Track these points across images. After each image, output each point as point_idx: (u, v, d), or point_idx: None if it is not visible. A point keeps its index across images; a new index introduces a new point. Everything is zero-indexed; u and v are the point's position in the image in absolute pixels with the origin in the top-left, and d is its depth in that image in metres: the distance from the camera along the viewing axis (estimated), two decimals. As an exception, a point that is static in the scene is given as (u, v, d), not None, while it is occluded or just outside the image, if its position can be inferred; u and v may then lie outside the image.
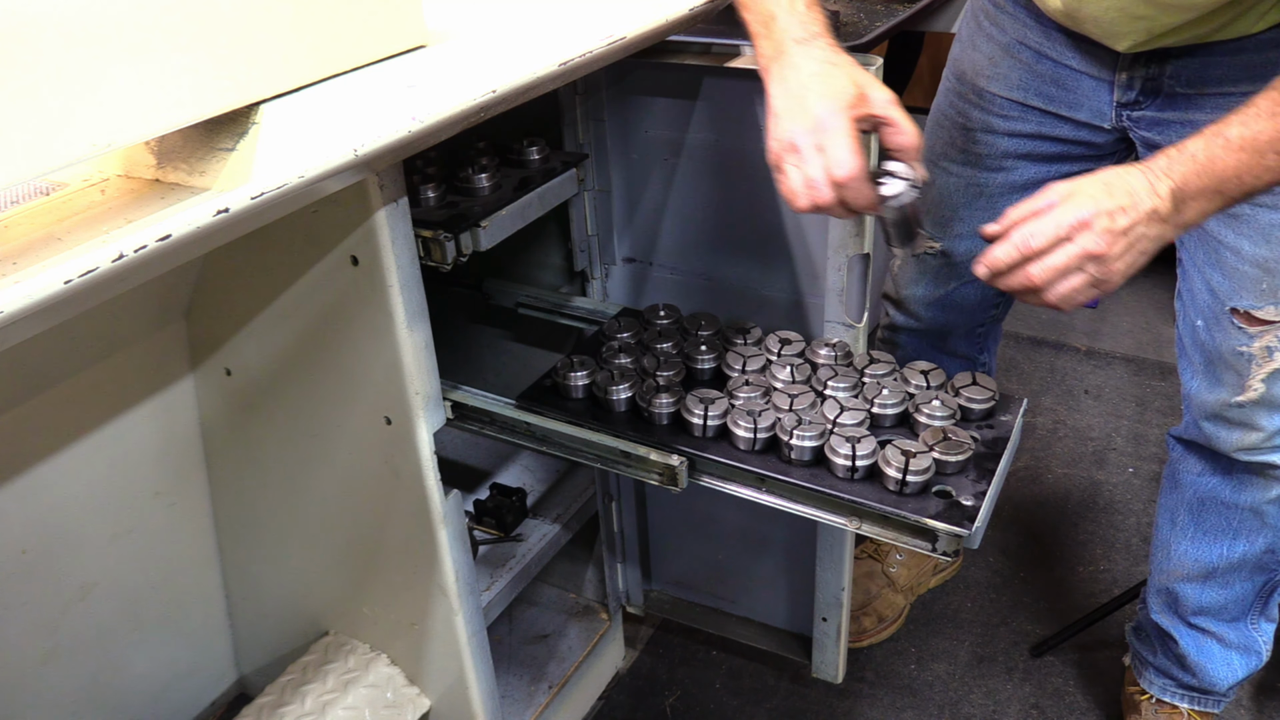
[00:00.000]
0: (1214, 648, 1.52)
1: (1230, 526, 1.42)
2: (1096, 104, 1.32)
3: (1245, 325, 1.26)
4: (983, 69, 1.40)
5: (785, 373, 1.16)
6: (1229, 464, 1.37)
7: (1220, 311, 1.28)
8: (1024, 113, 1.38)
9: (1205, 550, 1.45)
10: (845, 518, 1.03)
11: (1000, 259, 0.98)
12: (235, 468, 1.32)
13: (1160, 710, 1.60)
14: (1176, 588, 1.51)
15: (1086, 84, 1.31)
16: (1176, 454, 1.47)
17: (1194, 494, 1.44)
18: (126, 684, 1.35)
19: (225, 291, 1.17)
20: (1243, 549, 1.42)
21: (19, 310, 0.63)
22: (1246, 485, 1.38)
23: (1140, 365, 2.60)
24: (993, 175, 1.43)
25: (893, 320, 1.69)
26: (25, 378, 1.10)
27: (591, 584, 1.71)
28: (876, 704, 1.73)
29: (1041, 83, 1.35)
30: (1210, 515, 1.43)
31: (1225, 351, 1.29)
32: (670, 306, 1.29)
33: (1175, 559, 1.49)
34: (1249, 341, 1.26)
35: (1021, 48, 1.35)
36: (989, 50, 1.39)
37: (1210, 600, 1.49)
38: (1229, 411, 1.31)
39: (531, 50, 1.01)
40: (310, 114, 0.85)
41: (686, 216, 1.34)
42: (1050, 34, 1.32)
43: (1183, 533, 1.47)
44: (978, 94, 1.41)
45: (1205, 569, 1.46)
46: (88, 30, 0.69)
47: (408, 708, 1.29)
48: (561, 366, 1.17)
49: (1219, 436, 1.34)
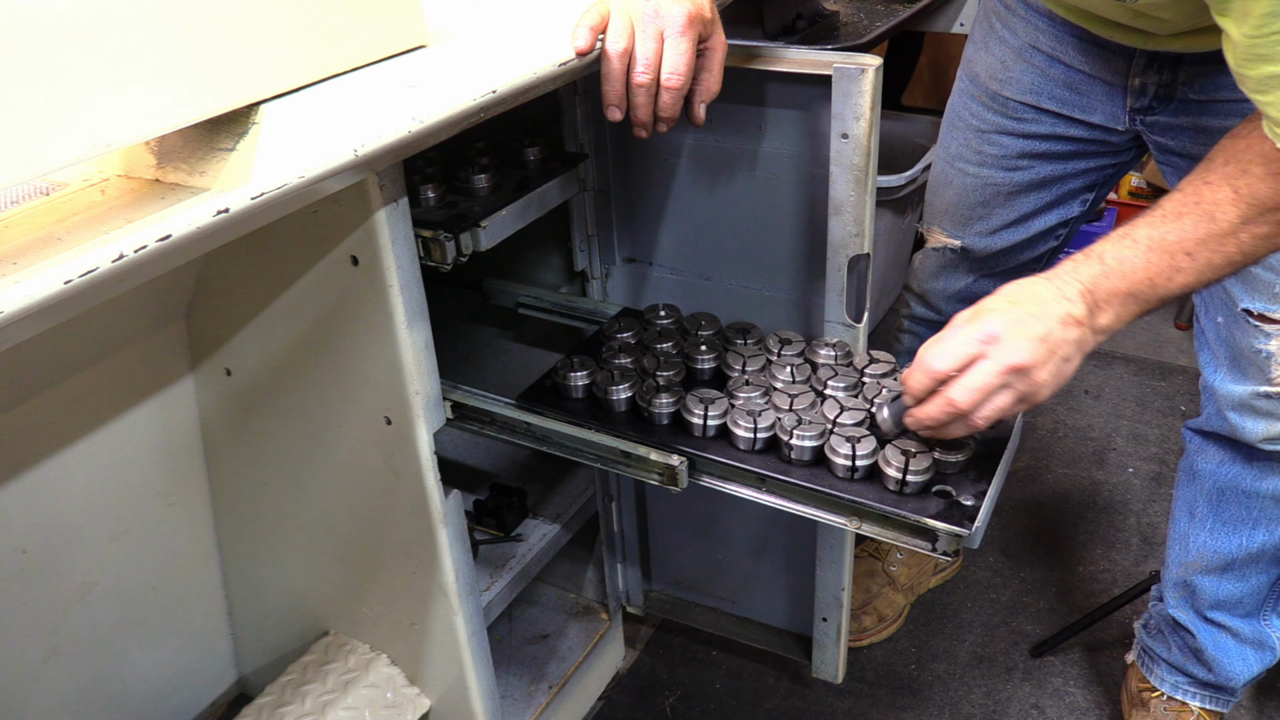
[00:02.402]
0: (1229, 642, 1.53)
1: (1250, 516, 1.43)
2: (1110, 108, 1.32)
3: (1261, 325, 1.26)
4: (995, 72, 1.41)
5: (785, 373, 1.16)
6: (1250, 453, 1.38)
7: (1235, 311, 1.28)
8: (1038, 115, 1.38)
9: (1224, 541, 1.46)
10: (845, 518, 1.03)
11: (913, 386, 0.95)
12: (235, 468, 1.32)
13: (1170, 708, 1.60)
14: (1195, 580, 1.51)
15: (1100, 89, 1.32)
16: (1194, 446, 1.47)
17: (1214, 484, 1.44)
18: (126, 684, 1.35)
19: (225, 291, 1.17)
20: (1262, 538, 1.43)
21: (19, 310, 0.63)
22: (1268, 473, 1.38)
23: (1140, 365, 2.60)
24: (1009, 174, 1.44)
25: (913, 312, 1.70)
26: (25, 378, 1.10)
27: (591, 584, 1.71)
28: (876, 704, 1.73)
29: (1054, 86, 1.35)
30: (1230, 505, 1.44)
31: (1245, 349, 1.30)
32: (670, 306, 1.29)
33: (1194, 551, 1.50)
34: (1266, 340, 1.27)
35: (1034, 51, 1.35)
36: (1001, 53, 1.39)
37: (1227, 593, 1.49)
38: (1257, 401, 1.31)
39: (531, 50, 1.01)
40: (310, 114, 0.85)
41: (686, 216, 1.34)
42: (1063, 38, 1.32)
43: (1201, 524, 1.48)
44: (990, 97, 1.42)
45: (1224, 560, 1.47)
46: (88, 30, 0.69)
47: (408, 708, 1.29)
48: (561, 366, 1.17)
49: (1245, 426, 1.34)
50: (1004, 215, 1.49)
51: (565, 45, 1.00)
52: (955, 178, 1.50)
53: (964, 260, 1.56)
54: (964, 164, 1.48)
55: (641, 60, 1.00)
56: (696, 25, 1.00)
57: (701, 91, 1.05)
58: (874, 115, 1.09)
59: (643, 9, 1.00)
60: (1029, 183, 1.44)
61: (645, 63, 1.00)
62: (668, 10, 0.99)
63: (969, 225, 1.51)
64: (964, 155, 1.48)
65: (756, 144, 1.23)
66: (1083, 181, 1.45)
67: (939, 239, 1.56)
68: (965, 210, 1.51)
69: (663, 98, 1.02)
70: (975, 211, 1.50)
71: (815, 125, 1.18)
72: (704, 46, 1.03)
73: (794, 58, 1.15)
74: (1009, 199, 1.46)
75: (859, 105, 1.09)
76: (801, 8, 2.01)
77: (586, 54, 1.00)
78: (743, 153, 1.25)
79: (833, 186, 1.14)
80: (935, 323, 1.66)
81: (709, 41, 1.03)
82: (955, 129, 1.50)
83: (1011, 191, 1.45)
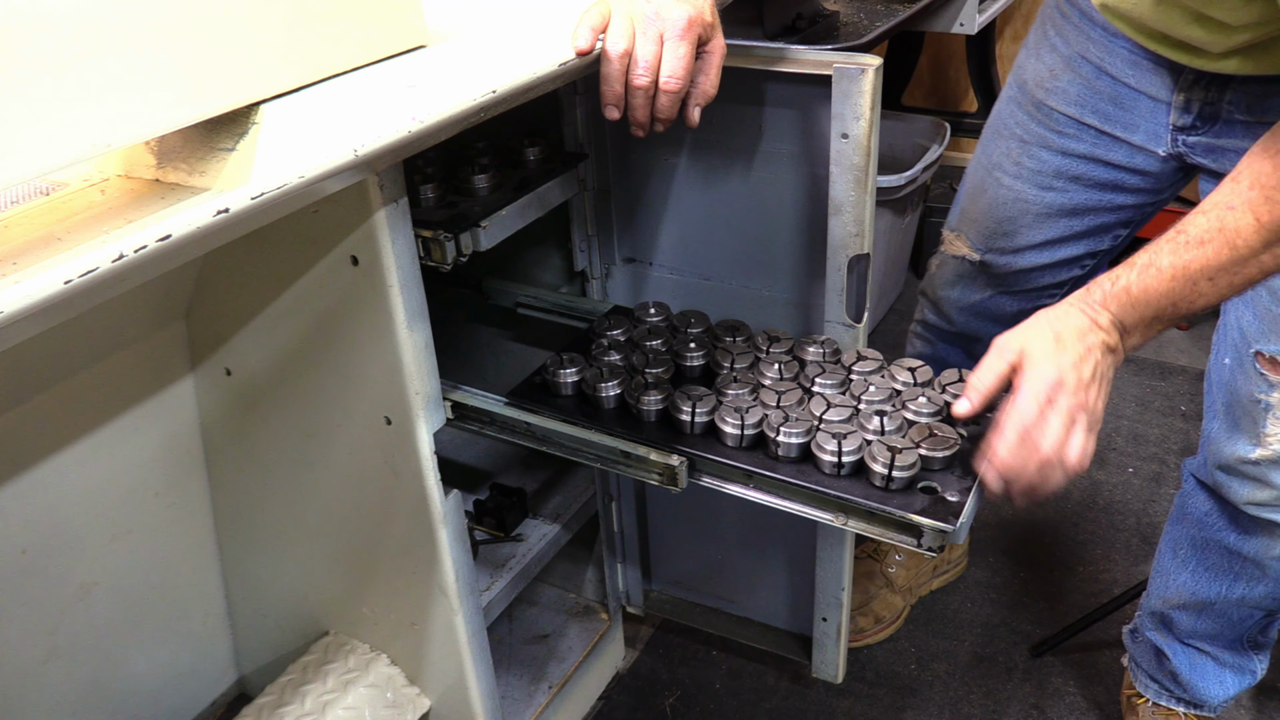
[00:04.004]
0: (1208, 665, 1.52)
1: (1231, 570, 1.41)
2: (1153, 126, 1.30)
3: (1268, 372, 1.24)
4: (1043, 80, 1.38)
5: (773, 370, 1.16)
6: (1236, 512, 1.36)
7: (1246, 353, 1.26)
8: (1080, 130, 1.36)
9: (1204, 586, 1.44)
10: (832, 513, 1.03)
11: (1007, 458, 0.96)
12: (235, 468, 1.32)
13: (1157, 713, 1.60)
14: (1172, 614, 1.50)
15: (1144, 104, 1.30)
16: (1189, 486, 1.45)
17: (1200, 532, 1.43)
18: (126, 684, 1.35)
19: (225, 291, 1.17)
20: (1242, 591, 1.41)
21: (19, 310, 0.63)
22: (1252, 537, 1.36)
23: (1140, 365, 2.60)
24: (1043, 194, 1.42)
25: (925, 318, 1.68)
26: (25, 378, 1.10)
27: (591, 584, 1.71)
28: (876, 704, 1.73)
29: (1099, 99, 1.33)
30: (1213, 555, 1.42)
31: (1244, 397, 1.27)
32: (660, 304, 1.29)
33: (1174, 589, 1.48)
34: (1269, 390, 1.24)
35: (1082, 61, 1.33)
36: (1051, 61, 1.37)
37: (1205, 628, 1.48)
38: (1243, 466, 1.29)
39: (531, 50, 1.01)
40: (310, 114, 0.85)
41: (686, 216, 1.34)
42: (1113, 50, 1.30)
43: (1184, 565, 1.46)
44: (1035, 105, 1.40)
45: (1202, 602, 1.45)
46: (88, 30, 0.69)
47: (408, 708, 1.29)
48: (551, 363, 1.18)
49: (1230, 488, 1.33)
50: (1030, 236, 1.45)
51: (565, 45, 1.00)
52: (991, 187, 1.47)
53: (982, 274, 1.53)
54: (1001, 174, 1.45)
55: (641, 62, 1.00)
56: (696, 28, 1.00)
57: (697, 94, 1.05)
58: (874, 115, 1.09)
59: (644, 10, 1.00)
60: (1061, 207, 1.41)
61: (645, 65, 1.00)
62: (669, 13, 0.99)
63: (993, 239, 1.48)
64: (1003, 165, 1.45)
65: (756, 144, 1.24)
66: (1116, 218, 1.41)
67: (959, 248, 1.53)
68: (992, 224, 1.48)
69: (660, 100, 1.02)
70: (1002, 227, 1.47)
71: (815, 125, 1.18)
72: (703, 50, 1.03)
73: (794, 58, 1.15)
74: (1038, 220, 1.43)
75: (859, 105, 1.09)
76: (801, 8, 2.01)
77: (587, 54, 1.00)
78: (742, 153, 1.25)
79: (833, 186, 1.14)
80: (947, 332, 1.64)
81: (708, 45, 1.04)
82: (1000, 136, 1.46)
83: (1041, 213, 1.42)
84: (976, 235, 1.51)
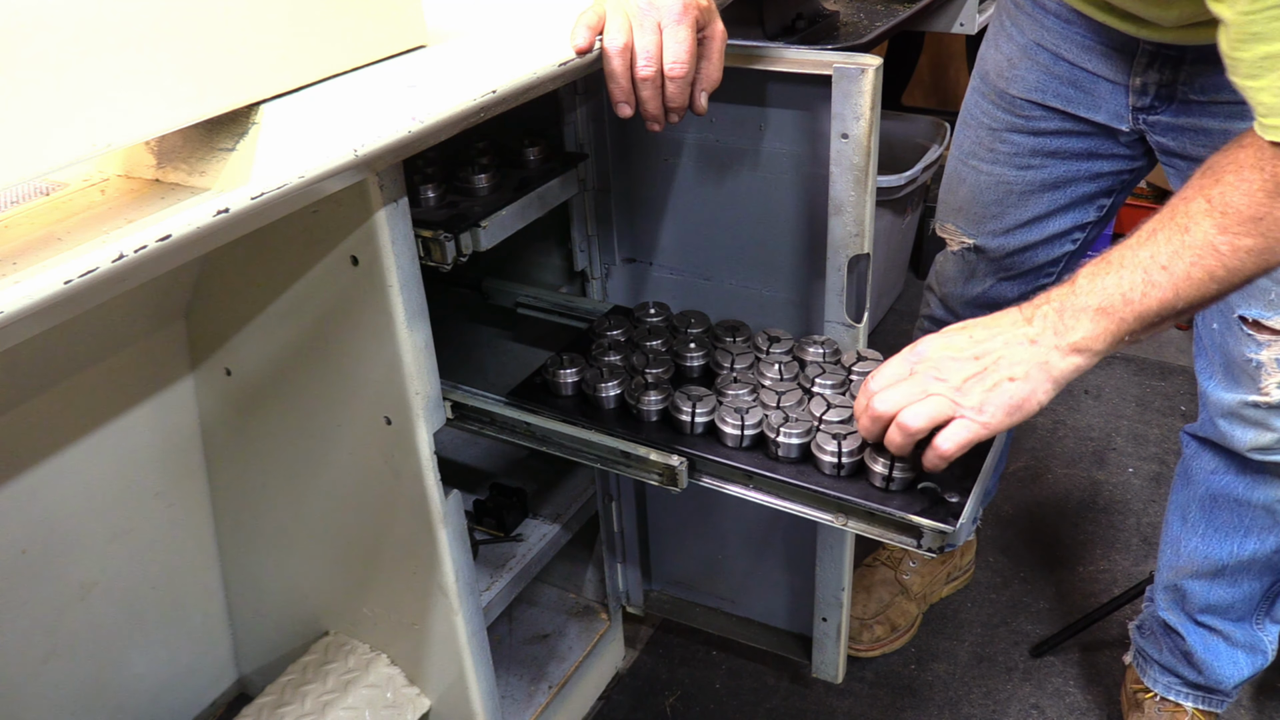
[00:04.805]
0: (1220, 645, 1.52)
1: (1242, 524, 1.42)
2: (1114, 107, 1.32)
3: (1255, 333, 1.26)
4: (1002, 70, 1.41)
5: (773, 370, 1.16)
6: (1243, 462, 1.38)
7: (1230, 318, 1.28)
8: (1045, 114, 1.38)
9: (1215, 547, 1.45)
10: (832, 514, 1.03)
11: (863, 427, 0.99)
12: (235, 468, 1.32)
13: (1164, 708, 1.60)
14: (1184, 584, 1.51)
15: (1103, 87, 1.32)
16: (1190, 450, 1.47)
17: (1207, 490, 1.44)
18: (126, 684, 1.35)
19: (225, 291, 1.17)
20: (1253, 547, 1.43)
21: (19, 310, 0.63)
22: (1260, 484, 1.38)
23: (1140, 365, 2.60)
24: (1022, 173, 1.44)
25: (933, 313, 1.70)
26: (25, 378, 1.10)
27: (591, 584, 1.71)
28: (876, 704, 1.73)
29: (1059, 84, 1.35)
30: (1222, 512, 1.44)
31: (1237, 357, 1.29)
32: (660, 304, 1.29)
33: (1185, 555, 1.49)
34: (1258, 349, 1.26)
35: (1039, 49, 1.35)
36: (1008, 51, 1.40)
37: (1218, 598, 1.49)
38: (1246, 410, 1.31)
39: (531, 50, 1.01)
40: (310, 114, 0.85)
41: (686, 216, 1.34)
42: (1068, 36, 1.32)
43: (1193, 529, 1.47)
44: (999, 95, 1.42)
45: (1214, 566, 1.46)
46: (88, 30, 0.69)
47: (408, 708, 1.29)
48: (551, 364, 1.18)
49: (1234, 435, 1.34)
50: (1017, 215, 1.48)
51: (565, 45, 1.00)
52: (969, 175, 1.50)
53: (981, 262, 1.55)
54: (977, 161, 1.48)
55: (643, 54, 0.99)
56: (693, 12, 1.00)
57: (703, 80, 1.05)
58: (874, 115, 1.09)
59: (637, 2, 0.99)
60: (1042, 182, 1.43)
61: (647, 56, 0.99)
62: (662, 1, 0.99)
63: (982, 223, 1.51)
64: (977, 153, 1.48)
65: (756, 144, 1.24)
66: (1097, 186, 1.44)
67: (955, 238, 1.56)
68: (979, 209, 1.50)
69: (669, 88, 1.02)
70: (989, 210, 1.49)
71: (815, 125, 1.18)
72: (703, 35, 1.03)
73: (794, 58, 1.15)
74: (1022, 198, 1.45)
75: (859, 105, 1.09)
76: (801, 8, 2.01)
77: (585, 52, 1.00)
78: (743, 152, 1.25)
79: (833, 186, 1.14)
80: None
81: (707, 30, 1.03)
82: (968, 127, 1.49)
83: (1024, 191, 1.45)
84: (965, 223, 1.53)
